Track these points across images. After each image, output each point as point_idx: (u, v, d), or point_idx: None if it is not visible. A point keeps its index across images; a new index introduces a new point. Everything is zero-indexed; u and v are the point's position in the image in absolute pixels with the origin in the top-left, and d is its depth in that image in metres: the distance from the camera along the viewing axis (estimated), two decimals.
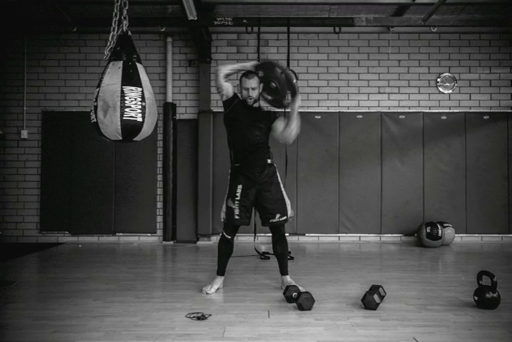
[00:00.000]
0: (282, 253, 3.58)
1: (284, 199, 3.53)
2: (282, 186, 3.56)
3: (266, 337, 2.54)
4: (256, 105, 3.57)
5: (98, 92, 3.24)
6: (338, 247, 6.04)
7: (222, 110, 3.67)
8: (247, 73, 3.43)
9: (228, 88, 3.46)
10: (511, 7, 5.80)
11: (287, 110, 3.45)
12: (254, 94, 3.43)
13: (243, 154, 3.47)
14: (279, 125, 3.50)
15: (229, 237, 3.52)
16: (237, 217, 3.43)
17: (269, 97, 3.44)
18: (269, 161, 3.51)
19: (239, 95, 3.52)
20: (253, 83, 3.40)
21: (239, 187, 3.45)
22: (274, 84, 3.34)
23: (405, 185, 6.50)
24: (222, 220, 3.54)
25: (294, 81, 3.38)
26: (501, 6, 5.83)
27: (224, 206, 3.52)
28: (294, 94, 3.37)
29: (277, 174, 3.57)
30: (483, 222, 6.48)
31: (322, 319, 2.85)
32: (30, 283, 3.94)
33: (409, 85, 6.68)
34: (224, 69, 3.42)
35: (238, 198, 3.44)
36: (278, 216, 3.47)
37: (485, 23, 6.04)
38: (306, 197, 6.47)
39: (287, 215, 3.51)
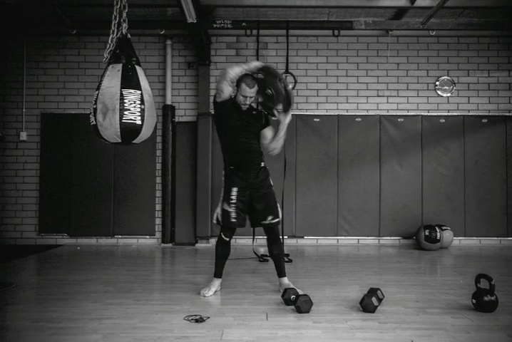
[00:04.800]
0: (277, 254, 3.59)
1: (276, 202, 3.56)
2: (273, 189, 3.58)
3: (264, 340, 2.54)
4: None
5: (98, 94, 3.26)
6: (337, 250, 6.05)
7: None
8: (249, 81, 3.34)
9: (228, 92, 3.40)
10: (509, 11, 5.83)
11: (279, 116, 3.43)
12: (250, 102, 3.44)
13: (237, 157, 3.46)
14: (268, 133, 3.51)
15: (227, 239, 3.52)
16: (233, 220, 3.44)
17: (260, 100, 3.43)
18: (262, 164, 3.53)
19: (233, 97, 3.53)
20: (252, 92, 3.37)
21: (235, 189, 3.45)
22: (270, 91, 3.32)
23: (404, 188, 6.51)
24: (215, 222, 3.55)
25: (291, 98, 3.39)
26: (500, 10, 5.85)
27: (219, 208, 3.52)
28: (286, 109, 3.38)
29: (269, 177, 3.59)
30: (482, 225, 6.49)
31: (320, 322, 2.85)
32: (28, 285, 3.93)
33: (408, 89, 6.70)
34: (232, 73, 3.31)
35: (234, 201, 3.44)
36: (270, 218, 3.48)
37: (484, 27, 6.06)
38: (305, 199, 6.47)
39: (279, 217, 3.54)
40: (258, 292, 3.62)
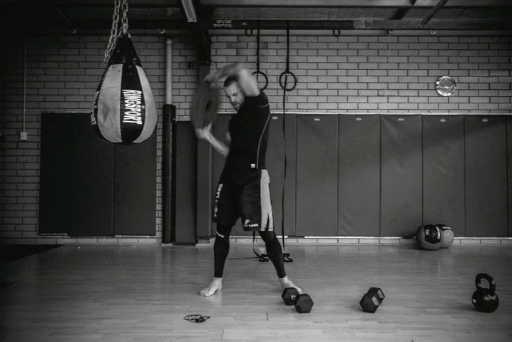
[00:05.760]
0: (274, 257, 3.56)
1: (259, 207, 3.34)
2: (263, 194, 3.38)
3: (264, 339, 2.54)
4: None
5: (98, 95, 3.26)
6: (337, 249, 6.05)
7: (221, 112, 3.68)
8: (225, 80, 3.44)
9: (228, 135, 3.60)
10: (510, 11, 5.82)
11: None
12: (238, 99, 3.44)
13: (231, 153, 3.54)
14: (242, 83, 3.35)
15: (222, 236, 3.52)
16: (214, 216, 3.49)
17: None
18: (252, 165, 3.41)
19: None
20: (231, 89, 3.41)
21: (220, 185, 3.52)
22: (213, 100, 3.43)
23: (404, 188, 6.50)
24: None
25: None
26: (500, 10, 5.85)
27: None
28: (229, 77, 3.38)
29: (261, 180, 3.40)
30: (482, 225, 6.49)
31: (321, 322, 2.85)
32: (29, 284, 3.93)
33: (408, 88, 6.70)
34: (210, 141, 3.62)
35: (218, 197, 3.50)
36: (247, 222, 3.33)
37: (484, 27, 6.06)
38: (306, 199, 6.47)
39: (259, 224, 3.32)
40: (258, 292, 3.62)
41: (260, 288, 3.76)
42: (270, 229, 3.39)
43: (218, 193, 3.50)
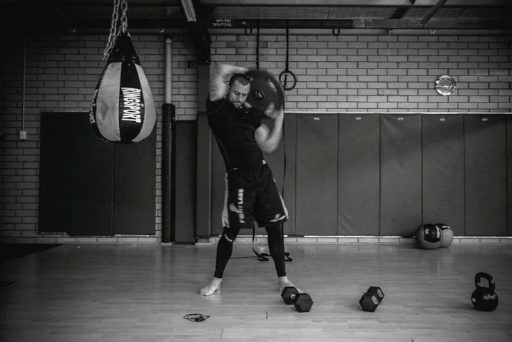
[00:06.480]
0: (279, 253, 3.59)
1: (280, 199, 3.59)
2: (276, 187, 3.62)
3: (264, 338, 2.54)
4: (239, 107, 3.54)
5: (97, 93, 3.25)
6: (336, 249, 6.05)
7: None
8: (242, 79, 3.38)
9: (222, 89, 3.40)
10: (509, 10, 5.82)
11: (272, 114, 3.47)
12: (243, 100, 3.42)
13: (239, 157, 3.46)
14: (262, 131, 3.48)
15: (231, 240, 3.52)
16: (242, 222, 3.41)
17: (249, 106, 3.44)
18: (263, 162, 3.55)
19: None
20: (246, 89, 3.38)
21: (241, 190, 3.43)
22: (260, 94, 3.41)
23: (404, 187, 6.50)
24: (224, 225, 3.49)
25: (283, 94, 3.49)
26: (500, 9, 5.85)
27: (225, 211, 3.47)
28: (279, 106, 3.45)
29: (272, 174, 3.63)
30: (482, 224, 6.49)
31: (320, 321, 2.85)
32: (28, 284, 3.94)
33: (408, 87, 6.69)
34: (226, 69, 3.38)
35: (241, 202, 3.41)
36: (278, 215, 3.51)
37: (484, 26, 6.05)
38: (305, 198, 6.47)
39: (285, 214, 3.56)
40: (258, 291, 3.62)
41: (260, 287, 3.76)
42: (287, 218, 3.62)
43: (241, 199, 3.41)
